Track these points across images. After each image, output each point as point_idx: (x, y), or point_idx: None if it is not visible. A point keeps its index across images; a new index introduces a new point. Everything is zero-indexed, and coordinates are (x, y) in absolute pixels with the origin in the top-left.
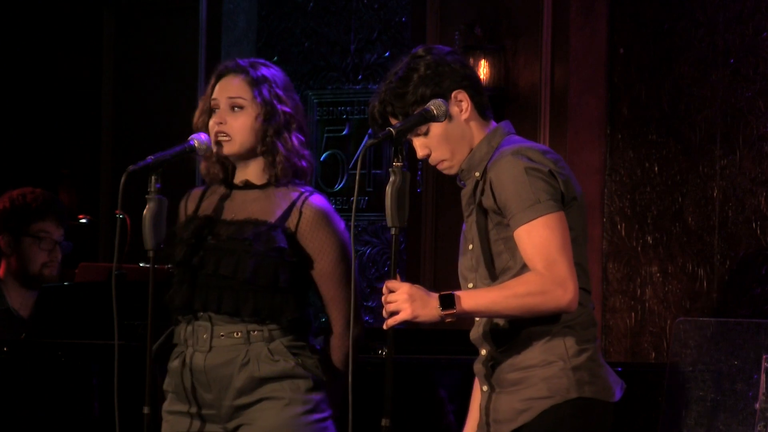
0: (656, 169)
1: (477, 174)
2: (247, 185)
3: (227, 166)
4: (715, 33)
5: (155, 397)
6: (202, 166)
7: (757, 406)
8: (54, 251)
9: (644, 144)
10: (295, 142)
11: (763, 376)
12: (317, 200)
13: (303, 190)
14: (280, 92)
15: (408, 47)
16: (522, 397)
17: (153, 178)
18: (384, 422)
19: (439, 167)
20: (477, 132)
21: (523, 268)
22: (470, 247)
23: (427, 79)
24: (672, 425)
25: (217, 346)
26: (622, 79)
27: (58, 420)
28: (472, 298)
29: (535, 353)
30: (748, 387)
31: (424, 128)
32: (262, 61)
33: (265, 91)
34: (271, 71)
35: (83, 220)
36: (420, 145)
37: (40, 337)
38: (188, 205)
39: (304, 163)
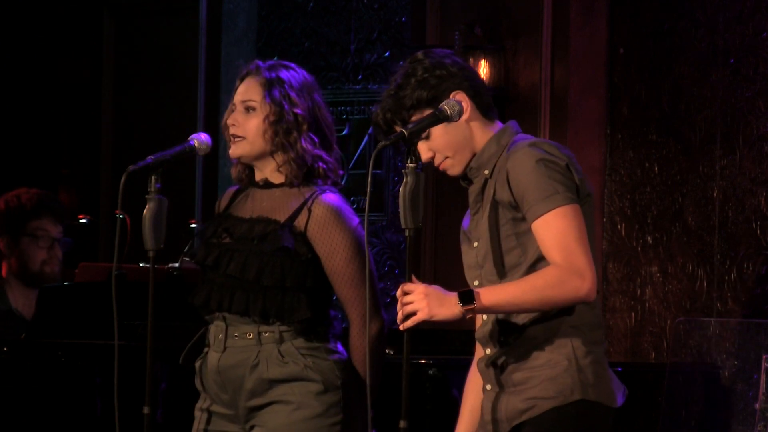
0: (656, 169)
1: (486, 172)
2: (267, 184)
3: (252, 166)
4: (715, 33)
5: (155, 397)
6: (232, 169)
7: (757, 406)
8: (53, 248)
9: (644, 144)
10: (305, 143)
11: (763, 376)
12: (328, 198)
13: (318, 189)
14: (292, 94)
15: (408, 47)
16: (526, 396)
17: (153, 178)
18: (402, 424)
19: (442, 167)
20: (480, 132)
21: (533, 264)
22: (475, 244)
23: (424, 82)
24: (672, 425)
25: (230, 347)
26: (622, 79)
27: (60, 420)
28: (492, 293)
29: (541, 353)
30: (748, 387)
31: (425, 132)
32: (284, 63)
33: (275, 93)
34: (288, 73)
35: (83, 220)
36: (424, 149)
37: (40, 337)
38: (221, 203)
39: (320, 164)
